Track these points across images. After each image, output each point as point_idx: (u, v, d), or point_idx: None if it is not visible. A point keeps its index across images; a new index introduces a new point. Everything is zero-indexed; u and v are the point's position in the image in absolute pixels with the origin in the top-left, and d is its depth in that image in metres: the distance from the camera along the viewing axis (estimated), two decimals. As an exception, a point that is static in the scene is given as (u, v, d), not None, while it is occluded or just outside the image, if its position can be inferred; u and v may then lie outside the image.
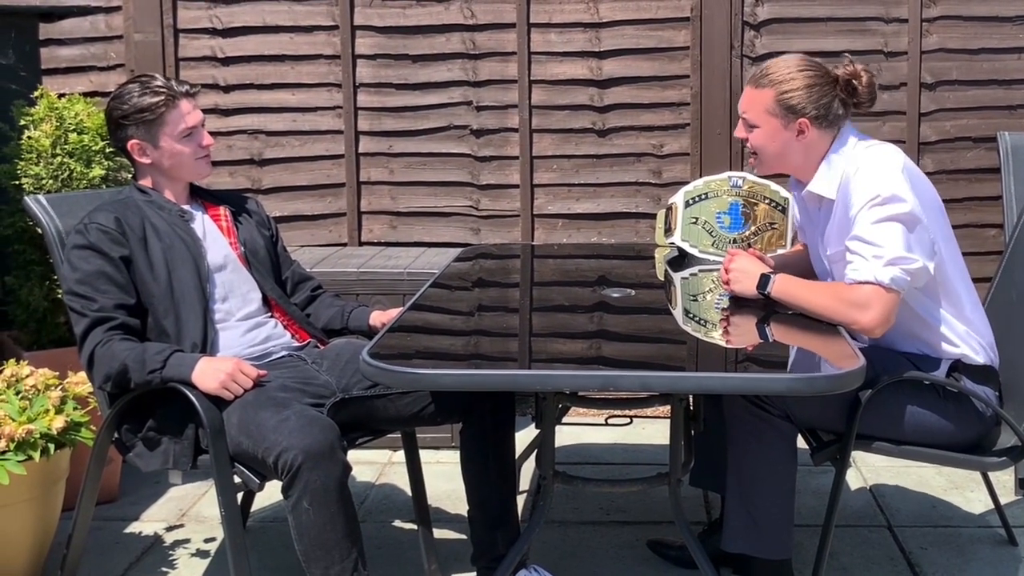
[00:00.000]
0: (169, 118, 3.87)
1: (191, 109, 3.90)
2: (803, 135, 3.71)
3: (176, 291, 3.79)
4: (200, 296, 3.83)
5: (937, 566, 4.27)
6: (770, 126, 3.74)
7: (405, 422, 3.96)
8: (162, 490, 5.07)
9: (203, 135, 3.94)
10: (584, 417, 5.73)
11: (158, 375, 3.57)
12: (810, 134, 3.72)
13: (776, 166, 3.84)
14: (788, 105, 3.69)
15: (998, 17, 5.93)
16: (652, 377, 3.10)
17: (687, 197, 4.48)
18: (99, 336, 3.64)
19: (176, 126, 3.88)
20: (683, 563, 4.20)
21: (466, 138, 6.17)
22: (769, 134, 3.75)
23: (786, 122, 3.71)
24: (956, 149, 5.98)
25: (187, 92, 3.91)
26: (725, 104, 6.01)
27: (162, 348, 3.64)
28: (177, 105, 3.88)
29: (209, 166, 3.99)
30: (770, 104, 3.72)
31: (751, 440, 3.59)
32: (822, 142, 3.75)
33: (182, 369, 3.59)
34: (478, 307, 3.99)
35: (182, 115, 3.88)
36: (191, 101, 3.92)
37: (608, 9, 6.04)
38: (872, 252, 3.50)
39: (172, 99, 3.87)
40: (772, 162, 3.82)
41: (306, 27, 6.13)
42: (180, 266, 3.82)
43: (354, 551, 3.42)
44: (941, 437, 3.71)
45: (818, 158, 3.76)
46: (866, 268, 3.49)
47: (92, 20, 6.12)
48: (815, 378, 2.99)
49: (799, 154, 3.76)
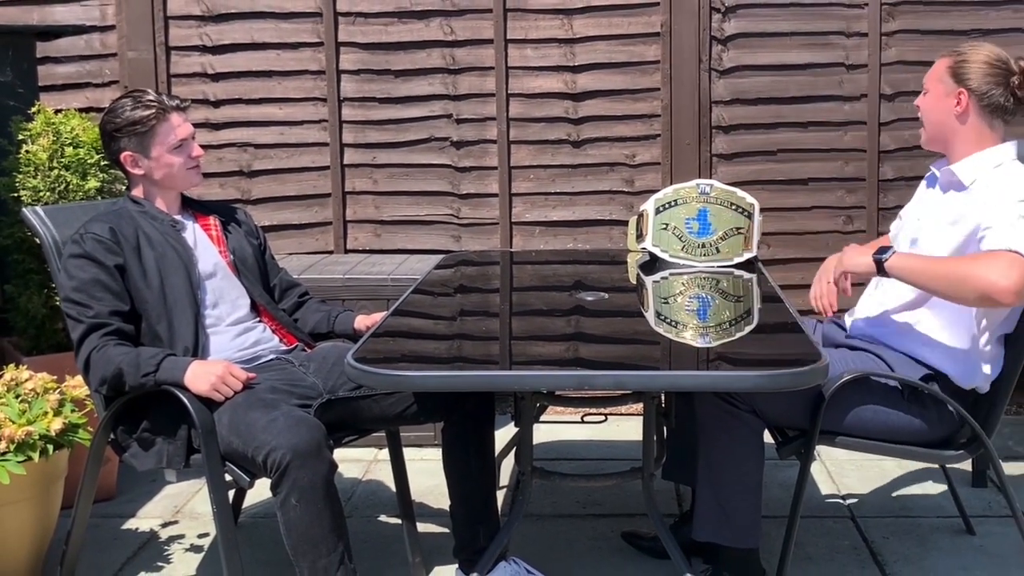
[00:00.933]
0: (160, 130, 3.87)
1: (181, 122, 3.91)
2: (959, 106, 3.70)
3: (168, 298, 3.79)
4: (192, 302, 3.83)
5: (898, 555, 4.27)
6: (936, 91, 3.78)
7: (389, 421, 3.95)
8: (157, 488, 5.06)
9: (193, 147, 3.94)
10: (561, 415, 5.72)
11: (152, 378, 3.57)
12: (967, 110, 3.71)
13: (932, 135, 3.84)
14: (956, 73, 3.71)
15: (953, 31, 5.94)
16: (625, 376, 3.10)
17: (657, 204, 4.48)
18: (95, 342, 3.64)
19: (167, 138, 3.88)
20: (656, 553, 4.20)
21: (447, 149, 6.16)
22: (933, 98, 3.79)
23: (948, 89, 3.72)
24: (914, 157, 5.97)
25: (177, 106, 3.93)
26: (694, 115, 6.01)
27: (155, 352, 3.64)
28: (168, 118, 3.88)
29: (199, 176, 4.00)
30: (942, 71, 3.75)
31: (720, 435, 3.59)
32: (979, 127, 3.73)
33: (175, 372, 3.58)
34: (459, 311, 3.98)
35: (172, 127, 3.88)
36: (181, 114, 3.92)
37: (582, 25, 6.04)
38: (1011, 226, 3.44)
39: (163, 112, 3.88)
40: (929, 129, 3.84)
41: (292, 44, 6.11)
42: (172, 274, 3.82)
43: (340, 545, 3.42)
44: (904, 435, 3.73)
45: (970, 143, 3.74)
46: (1005, 237, 3.42)
47: (87, 39, 6.11)
48: (780, 375, 2.99)
49: (953, 129, 3.75)
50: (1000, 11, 5.93)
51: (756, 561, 3.73)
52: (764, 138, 6.04)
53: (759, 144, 6.02)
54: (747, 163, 6.03)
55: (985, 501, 4.76)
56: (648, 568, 4.19)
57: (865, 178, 6.05)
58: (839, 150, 6.06)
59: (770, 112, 6.06)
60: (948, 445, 3.78)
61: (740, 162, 6.05)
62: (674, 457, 4.18)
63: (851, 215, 6.07)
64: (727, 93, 6.06)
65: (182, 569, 4.26)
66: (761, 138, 6.04)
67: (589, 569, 4.19)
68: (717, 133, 6.08)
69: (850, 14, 5.99)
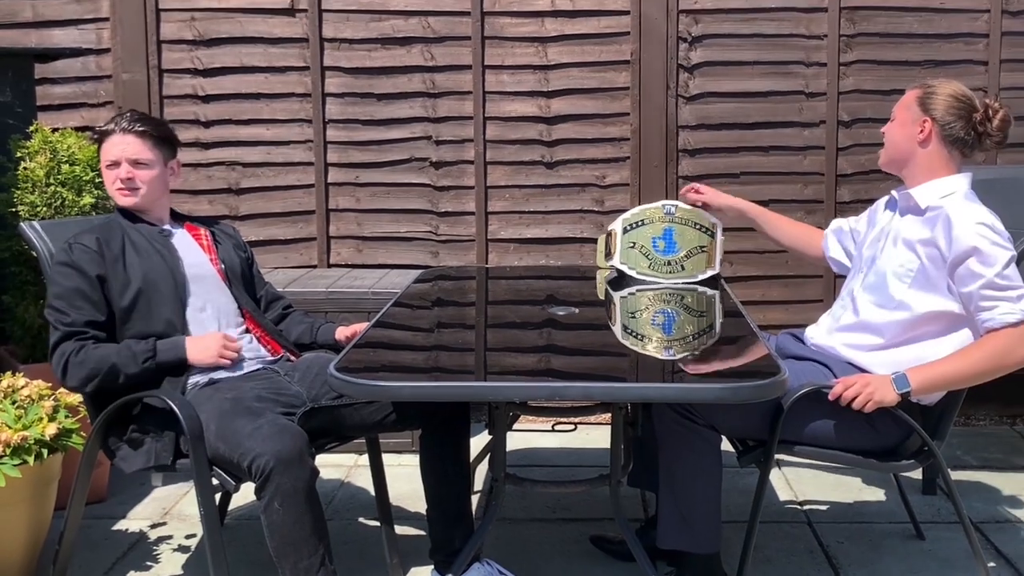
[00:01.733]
0: (103, 149, 3.95)
1: (118, 143, 3.91)
2: (922, 134, 3.74)
3: (154, 298, 3.81)
4: (177, 302, 3.86)
5: (852, 558, 4.29)
6: (902, 118, 3.81)
7: (369, 429, 3.95)
8: (147, 491, 5.05)
9: (122, 169, 3.92)
10: (533, 424, 5.75)
11: (152, 362, 3.63)
12: (929, 137, 3.75)
13: (892, 158, 3.87)
14: (923, 103, 3.75)
15: (907, 61, 6.00)
16: (594, 388, 3.10)
17: (625, 224, 4.50)
18: (71, 347, 3.68)
19: (105, 157, 3.94)
20: (623, 556, 4.20)
21: (426, 169, 6.17)
22: (899, 125, 3.83)
23: (914, 117, 3.76)
24: (870, 181, 6.02)
25: (125, 128, 3.92)
26: (661, 139, 6.04)
27: (145, 341, 3.69)
28: (107, 138, 3.93)
29: (125, 199, 3.94)
30: (911, 100, 3.80)
31: (680, 448, 3.60)
32: (937, 155, 3.77)
33: (175, 351, 3.67)
34: (437, 324, 3.99)
35: (107, 148, 3.93)
36: (125, 136, 3.91)
37: (555, 52, 6.07)
38: (1012, 293, 3.54)
39: (105, 134, 3.94)
40: (891, 152, 3.87)
41: (280, 68, 6.12)
42: (157, 276, 3.85)
43: (321, 547, 3.42)
44: (859, 444, 3.74)
45: (926, 170, 3.78)
46: (1015, 310, 3.53)
47: (83, 61, 6.10)
48: (741, 387, 3.00)
49: (913, 154, 3.80)
50: (952, 43, 5.99)
51: (718, 565, 3.74)
52: (728, 161, 6.07)
53: (723, 167, 6.05)
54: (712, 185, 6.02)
55: (935, 508, 4.79)
56: (615, 570, 4.19)
57: (823, 200, 6.09)
58: (799, 173, 6.10)
59: (733, 137, 6.10)
60: (899, 455, 3.79)
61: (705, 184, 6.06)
62: (640, 465, 4.17)
63: (810, 235, 6.10)
64: (693, 118, 6.09)
65: (170, 568, 4.25)
66: (725, 161, 6.07)
67: (559, 571, 4.19)
68: (683, 156, 6.11)
69: (810, 45, 6.03)
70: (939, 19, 5.99)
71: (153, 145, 3.96)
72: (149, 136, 3.95)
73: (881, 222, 4.00)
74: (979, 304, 3.58)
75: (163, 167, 4.01)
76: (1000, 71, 5.98)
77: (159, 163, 3.98)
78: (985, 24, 5.97)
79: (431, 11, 6.08)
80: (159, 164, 3.98)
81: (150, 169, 3.95)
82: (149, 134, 3.95)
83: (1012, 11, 5.95)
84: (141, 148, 3.92)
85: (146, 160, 3.93)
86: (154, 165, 3.96)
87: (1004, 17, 5.97)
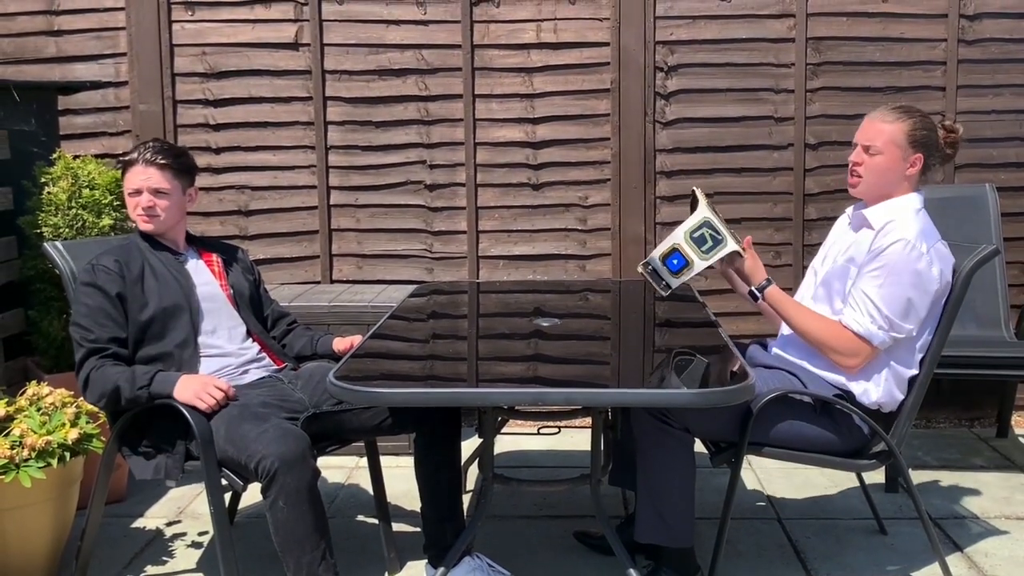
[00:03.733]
0: (126, 177, 3.97)
1: (140, 173, 3.94)
2: (912, 168, 3.75)
3: (168, 321, 3.84)
4: (190, 325, 3.88)
5: (819, 552, 4.31)
6: (891, 155, 3.74)
7: (368, 432, 3.97)
8: (163, 491, 5.07)
9: (143, 199, 3.95)
10: (520, 428, 5.76)
11: (145, 391, 3.64)
12: (916, 171, 3.76)
13: (873, 190, 3.82)
14: (913, 139, 3.73)
15: (870, 88, 6.02)
16: (575, 393, 3.12)
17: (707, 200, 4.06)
18: (93, 363, 3.71)
19: (128, 185, 3.96)
20: (604, 550, 4.23)
21: (421, 192, 6.19)
22: (889, 161, 3.75)
23: (905, 154, 3.73)
24: (835, 200, 6.04)
25: (148, 159, 3.94)
26: (640, 162, 6.06)
27: (148, 369, 3.71)
28: (131, 168, 3.96)
29: (146, 224, 3.97)
30: (898, 136, 3.73)
31: (655, 451, 3.62)
32: (911, 183, 3.79)
33: (165, 385, 3.66)
34: (431, 335, 4.00)
35: (130, 177, 3.95)
36: (148, 168, 3.93)
37: (541, 82, 6.09)
38: (874, 312, 3.60)
39: (129, 164, 3.97)
40: (875, 184, 3.80)
41: (285, 98, 6.15)
42: (172, 300, 3.88)
43: (323, 543, 3.45)
44: (823, 445, 3.76)
45: (892, 195, 3.79)
46: (864, 325, 3.63)
47: (103, 93, 6.13)
48: (712, 392, 3.01)
49: (897, 185, 3.78)
50: (911, 70, 6.01)
51: (692, 558, 3.76)
52: (702, 182, 6.08)
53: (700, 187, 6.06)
54: (687, 205, 6.05)
55: (896, 505, 4.80)
56: (596, 563, 4.20)
57: (792, 218, 6.12)
58: (768, 193, 6.12)
59: (708, 159, 6.12)
60: (861, 455, 3.81)
61: (681, 203, 6.10)
62: (620, 464, 4.20)
63: (779, 251, 6.13)
64: (670, 142, 6.11)
65: (184, 563, 4.27)
66: (700, 182, 6.08)
67: (544, 564, 4.21)
68: (661, 178, 6.13)
69: (779, 73, 6.06)
70: (899, 48, 6.01)
71: (173, 176, 3.98)
72: (169, 168, 3.97)
73: (835, 238, 4.03)
74: (849, 298, 3.69)
75: (181, 195, 4.03)
76: (957, 96, 6.00)
77: (178, 192, 4.01)
78: (943, 52, 5.99)
79: (425, 44, 6.10)
80: (178, 193, 4.01)
81: (169, 198, 3.97)
82: (169, 166, 3.97)
83: (968, 40, 5.97)
84: (161, 179, 3.94)
85: (166, 190, 3.96)
86: (173, 194, 3.99)
87: (960, 45, 5.99)
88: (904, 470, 3.80)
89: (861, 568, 4.16)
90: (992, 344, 5.24)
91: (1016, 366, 5.01)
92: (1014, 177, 6.05)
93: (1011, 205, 5.99)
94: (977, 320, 5.49)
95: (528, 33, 6.08)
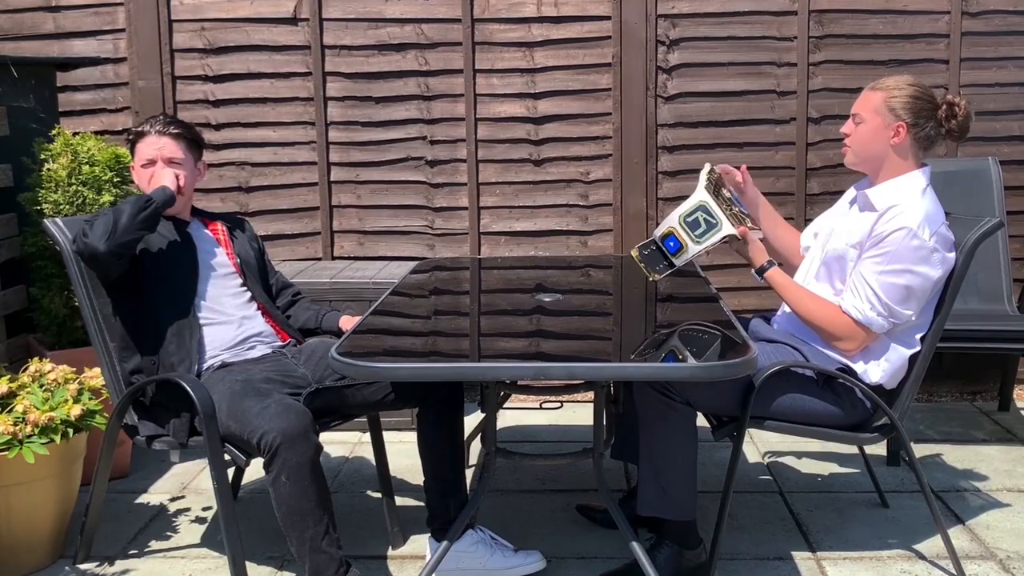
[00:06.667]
0: (137, 149, 4.00)
1: (153, 143, 3.97)
2: (896, 138, 3.75)
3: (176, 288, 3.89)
4: (193, 291, 3.92)
5: (820, 525, 4.34)
6: (873, 123, 3.78)
7: (371, 408, 4.00)
8: (167, 467, 5.11)
9: (158, 167, 3.99)
10: (523, 402, 5.78)
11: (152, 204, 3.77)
12: (902, 141, 3.76)
13: (862, 158, 3.86)
14: (891, 107, 3.74)
15: (873, 61, 6.02)
16: (577, 368, 3.12)
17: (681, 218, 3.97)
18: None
19: (140, 156, 3.99)
20: (607, 524, 4.25)
21: (422, 168, 6.21)
22: (871, 129, 3.78)
23: (887, 121, 3.75)
24: (838, 174, 6.06)
25: (160, 130, 3.99)
26: (642, 137, 6.08)
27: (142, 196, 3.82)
28: (143, 139, 3.99)
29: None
30: (879, 104, 3.77)
31: (658, 424, 3.63)
32: (907, 155, 3.79)
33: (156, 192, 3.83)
34: (433, 311, 4.00)
35: (142, 148, 3.99)
36: (161, 137, 3.97)
37: (542, 57, 6.11)
38: (873, 299, 3.63)
39: (140, 135, 4.00)
40: (862, 154, 3.84)
41: (284, 73, 6.16)
42: (177, 265, 3.92)
43: (326, 517, 3.46)
44: (825, 419, 3.78)
45: (895, 169, 3.80)
46: (863, 311, 3.65)
47: (102, 69, 6.15)
48: (713, 366, 3.02)
49: (886, 156, 3.79)
50: (914, 43, 6.01)
51: (694, 531, 3.78)
52: (704, 157, 6.09)
53: (700, 162, 6.05)
54: (689, 180, 6.09)
55: (898, 478, 4.83)
56: (599, 536, 4.23)
57: (794, 193, 6.13)
58: (771, 167, 6.14)
59: (709, 134, 6.14)
60: (863, 428, 3.82)
61: (683, 179, 6.12)
62: (621, 438, 4.23)
63: (781, 225, 6.14)
64: (671, 117, 6.13)
65: (188, 538, 4.30)
66: (701, 157, 6.10)
67: (547, 538, 4.23)
68: (662, 153, 6.15)
69: (781, 46, 6.07)
70: (902, 21, 6.02)
71: (186, 147, 4.02)
72: (183, 138, 4.00)
73: (839, 216, 4.04)
74: (849, 282, 3.72)
75: (193, 167, 4.07)
76: (960, 69, 6.01)
77: (190, 163, 4.04)
78: (946, 25, 6.00)
79: (425, 19, 6.11)
80: (190, 164, 4.04)
81: (183, 167, 4.01)
82: (183, 136, 4.01)
83: (971, 12, 5.97)
84: (175, 148, 3.98)
85: (180, 160, 3.99)
86: (186, 165, 4.02)
87: (964, 18, 5.99)
88: (906, 443, 3.81)
89: (863, 541, 4.18)
90: (994, 318, 5.26)
91: (1018, 339, 5.02)
92: (1017, 150, 6.07)
93: (1014, 178, 6.01)
94: (980, 294, 5.51)
95: (529, 7, 6.09)
